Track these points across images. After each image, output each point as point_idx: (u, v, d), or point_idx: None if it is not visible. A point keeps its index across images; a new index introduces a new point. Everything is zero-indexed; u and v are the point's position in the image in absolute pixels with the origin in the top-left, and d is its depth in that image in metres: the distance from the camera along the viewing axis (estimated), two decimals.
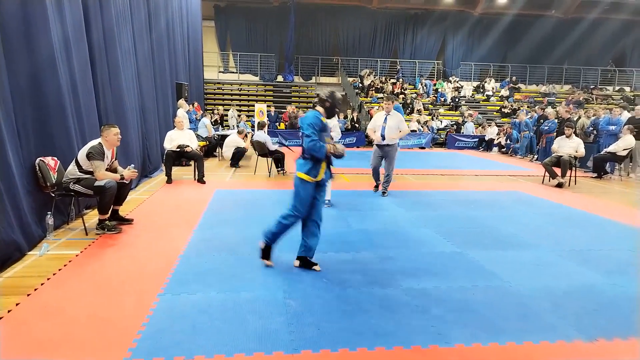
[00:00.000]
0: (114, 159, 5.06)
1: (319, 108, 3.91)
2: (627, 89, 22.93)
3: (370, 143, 16.99)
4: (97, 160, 4.69)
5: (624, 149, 9.68)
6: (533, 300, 3.44)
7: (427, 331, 2.91)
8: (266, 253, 3.98)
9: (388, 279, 3.78)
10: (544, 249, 4.70)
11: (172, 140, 7.94)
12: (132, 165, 5.33)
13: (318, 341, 2.76)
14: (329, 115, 3.96)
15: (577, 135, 10.41)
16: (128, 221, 5.19)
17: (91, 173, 4.70)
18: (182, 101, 10.92)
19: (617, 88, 22.97)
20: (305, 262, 3.97)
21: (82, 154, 4.70)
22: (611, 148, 9.84)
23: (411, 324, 3.01)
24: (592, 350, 2.74)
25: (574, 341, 2.83)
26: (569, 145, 8.84)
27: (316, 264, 3.96)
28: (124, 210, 5.42)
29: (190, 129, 9.79)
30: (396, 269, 3.99)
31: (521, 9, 21.35)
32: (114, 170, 5.04)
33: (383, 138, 7.04)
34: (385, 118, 7.06)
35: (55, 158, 4.86)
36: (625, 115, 10.74)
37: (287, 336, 2.81)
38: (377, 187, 7.51)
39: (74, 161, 4.73)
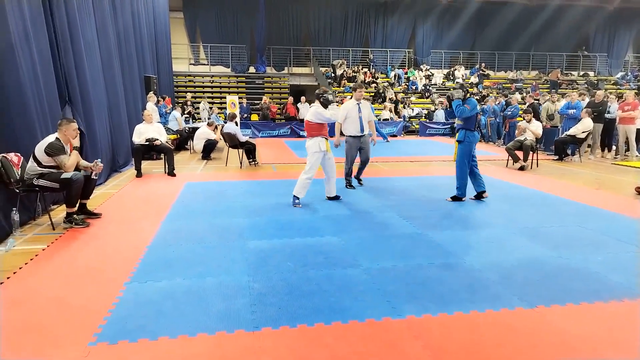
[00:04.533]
0: (71, 151, 5.06)
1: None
2: (591, 73, 23.69)
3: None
4: (60, 156, 4.71)
5: (582, 132, 10.09)
6: (483, 273, 3.67)
7: (381, 306, 3.10)
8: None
9: (349, 260, 3.95)
10: (499, 228, 4.96)
11: (141, 133, 7.93)
12: (99, 159, 5.36)
13: (278, 319, 2.91)
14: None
15: (538, 119, 10.83)
16: (96, 215, 5.23)
17: (52, 167, 4.72)
18: (151, 94, 10.85)
19: (581, 73, 23.70)
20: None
21: (39, 150, 4.70)
22: (571, 131, 10.24)
23: (367, 300, 3.19)
24: (531, 316, 2.97)
25: (516, 308, 3.06)
26: (529, 129, 9.20)
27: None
28: (92, 205, 5.45)
29: (160, 122, 9.78)
30: (357, 251, 4.17)
31: None
32: (77, 164, 5.05)
33: (362, 129, 6.73)
34: (359, 108, 6.75)
35: (19, 154, 4.85)
36: (587, 100, 11.17)
37: (249, 316, 2.95)
38: (351, 184, 7.03)
39: (31, 158, 4.72)
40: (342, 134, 6.95)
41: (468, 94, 6.18)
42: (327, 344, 2.63)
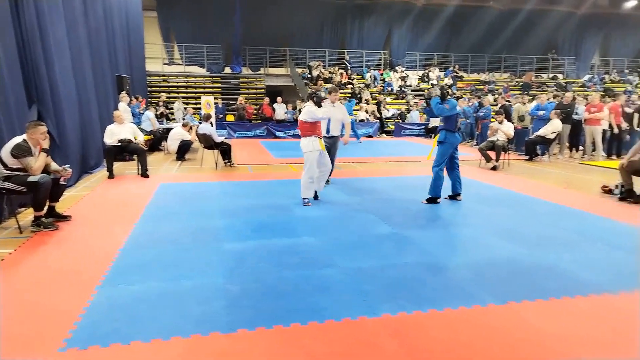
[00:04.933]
0: (40, 153, 4.90)
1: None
2: (560, 76, 24.41)
3: None
4: (27, 158, 4.56)
5: (552, 132, 10.38)
6: (457, 272, 3.73)
7: (357, 305, 3.11)
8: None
9: (325, 260, 3.96)
10: (473, 227, 5.05)
11: (113, 134, 7.76)
12: (67, 165, 5.22)
13: (254, 320, 2.89)
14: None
15: (510, 120, 11.11)
16: (65, 218, 5.08)
17: (19, 170, 4.57)
18: (123, 94, 10.62)
19: (551, 75, 24.38)
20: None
21: (5, 152, 4.54)
22: (541, 132, 10.53)
23: (343, 299, 3.20)
24: (501, 312, 3.04)
25: (488, 305, 3.12)
26: (501, 130, 9.41)
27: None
28: (61, 207, 5.30)
29: (134, 122, 9.59)
30: (334, 251, 4.18)
31: (462, 0, 22.15)
32: (47, 167, 4.90)
33: (328, 131, 6.78)
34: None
35: None
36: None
37: (224, 318, 2.92)
38: (327, 181, 6.91)
39: None
40: None
41: (448, 95, 6.23)
42: (304, 344, 2.63)
